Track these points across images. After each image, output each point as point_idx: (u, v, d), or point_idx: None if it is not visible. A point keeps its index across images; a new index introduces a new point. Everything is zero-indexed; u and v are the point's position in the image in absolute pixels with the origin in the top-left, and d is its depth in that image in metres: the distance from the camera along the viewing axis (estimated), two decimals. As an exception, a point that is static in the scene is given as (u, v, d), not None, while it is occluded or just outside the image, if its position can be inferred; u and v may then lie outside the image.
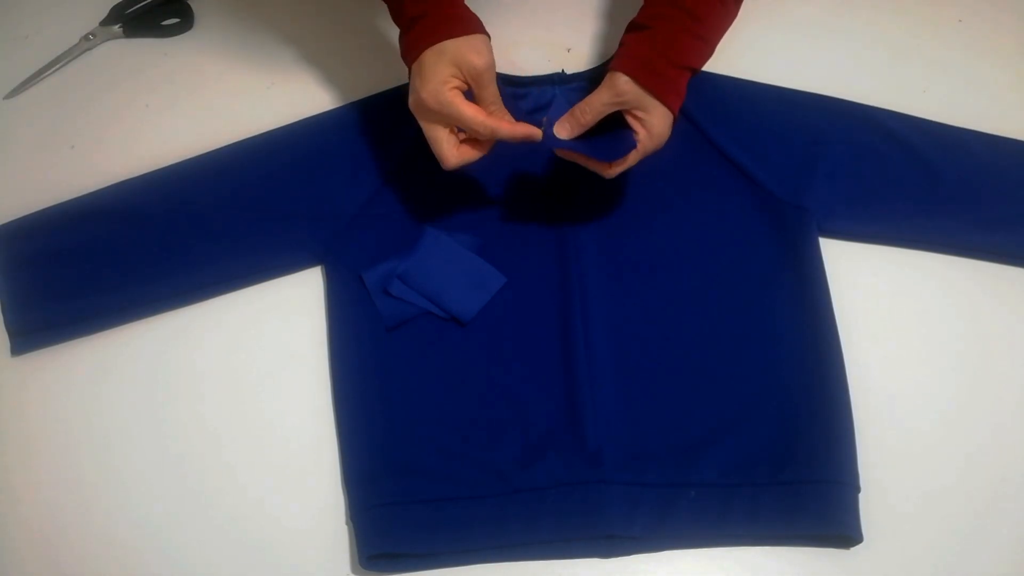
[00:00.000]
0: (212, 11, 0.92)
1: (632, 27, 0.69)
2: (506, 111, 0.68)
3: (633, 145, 0.68)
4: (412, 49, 0.67)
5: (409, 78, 0.68)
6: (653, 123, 0.67)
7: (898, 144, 0.78)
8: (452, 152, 0.69)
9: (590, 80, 0.80)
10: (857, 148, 0.78)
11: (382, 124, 0.80)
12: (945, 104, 0.82)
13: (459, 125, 0.67)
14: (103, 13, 0.91)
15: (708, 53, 0.70)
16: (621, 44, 0.69)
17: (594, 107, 0.67)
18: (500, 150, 0.71)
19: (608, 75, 0.67)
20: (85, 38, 0.90)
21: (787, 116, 0.79)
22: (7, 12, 0.93)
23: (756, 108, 0.80)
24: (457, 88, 0.66)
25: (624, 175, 0.73)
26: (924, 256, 0.77)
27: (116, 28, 0.91)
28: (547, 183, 0.77)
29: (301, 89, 0.86)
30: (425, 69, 0.65)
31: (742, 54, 0.84)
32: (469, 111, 0.66)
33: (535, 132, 0.67)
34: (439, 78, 0.65)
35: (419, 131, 0.70)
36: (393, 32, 0.69)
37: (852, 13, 0.89)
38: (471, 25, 0.66)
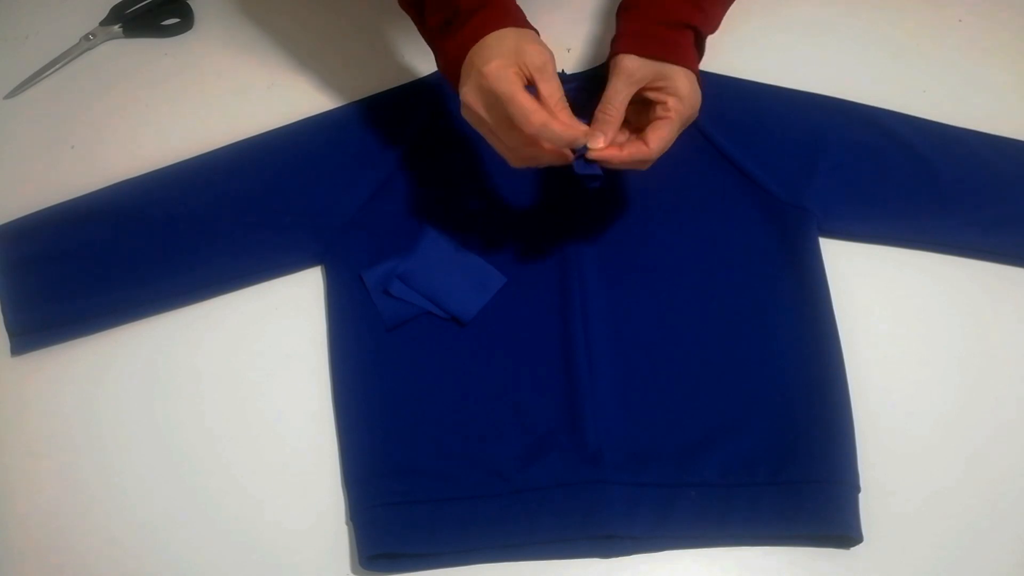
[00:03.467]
0: (212, 11, 0.92)
1: (621, 9, 0.68)
2: (567, 108, 0.62)
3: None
4: (472, 38, 0.62)
5: (457, 74, 0.64)
6: (678, 87, 0.64)
7: (898, 144, 0.78)
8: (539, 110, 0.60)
9: (590, 80, 0.80)
10: (857, 148, 0.78)
11: (382, 124, 0.80)
12: (945, 104, 0.82)
13: (512, 110, 0.60)
14: (103, 13, 0.91)
15: (707, 17, 0.67)
16: (615, 29, 0.67)
17: (614, 99, 0.64)
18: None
19: (612, 62, 0.65)
20: (85, 38, 0.90)
21: (787, 116, 0.79)
22: (7, 12, 0.93)
23: (756, 108, 0.80)
24: (519, 74, 0.61)
25: (624, 175, 0.73)
26: (924, 256, 0.77)
27: (116, 28, 0.91)
28: (547, 182, 0.77)
29: (301, 89, 0.86)
30: (487, 51, 0.61)
31: (742, 54, 0.84)
32: (528, 100, 0.60)
33: (580, 135, 0.62)
34: (505, 58, 0.60)
35: (420, 131, 0.70)
36: (393, 33, 0.69)
37: (852, 13, 0.89)
38: (525, 21, 0.65)
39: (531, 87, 0.62)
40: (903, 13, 0.89)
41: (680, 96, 0.64)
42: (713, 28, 0.68)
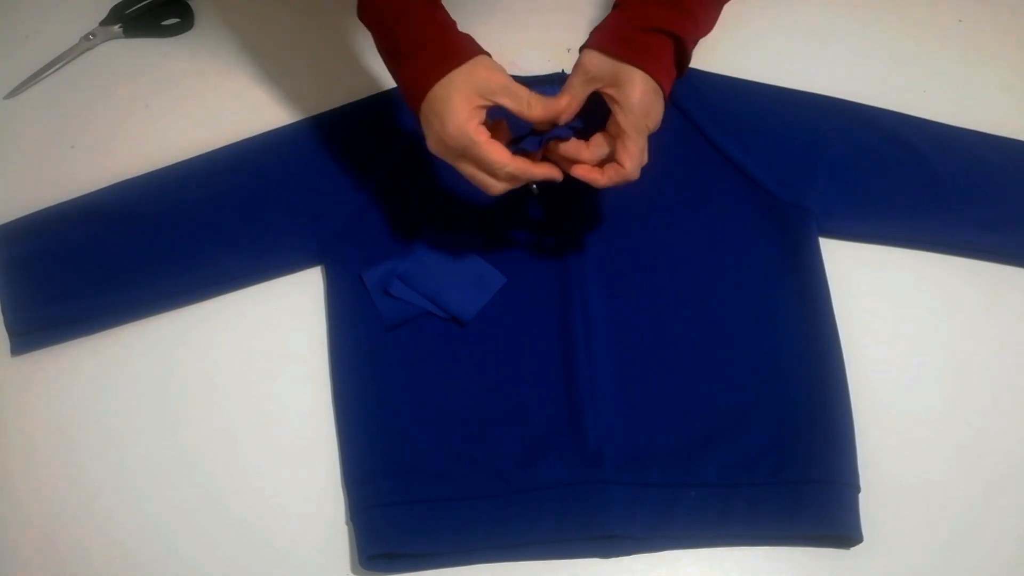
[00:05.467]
0: (212, 11, 0.92)
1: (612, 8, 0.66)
2: (541, 97, 0.63)
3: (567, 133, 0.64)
4: (417, 88, 0.62)
5: (419, 118, 0.64)
6: (629, 93, 0.60)
7: (898, 144, 0.78)
8: (494, 182, 0.63)
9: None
10: (857, 148, 0.78)
11: (382, 124, 0.80)
12: (945, 104, 0.82)
13: (480, 165, 0.62)
14: (103, 13, 0.91)
15: (693, 23, 0.63)
16: None
17: (568, 91, 0.63)
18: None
19: (578, 57, 0.64)
20: (85, 38, 0.90)
21: (787, 116, 0.79)
22: (7, 12, 0.93)
23: (756, 108, 0.80)
24: (481, 123, 0.62)
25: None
26: (924, 256, 0.77)
27: (116, 28, 0.91)
28: (548, 183, 0.77)
29: (301, 89, 0.86)
30: (439, 106, 0.61)
31: (742, 54, 0.84)
32: (494, 151, 0.61)
33: (556, 175, 0.65)
34: (461, 114, 0.61)
35: (419, 131, 0.69)
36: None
37: (852, 13, 0.89)
38: (471, 49, 0.63)
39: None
40: (903, 13, 0.89)
41: (625, 106, 0.61)
42: (706, 29, 0.65)
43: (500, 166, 0.62)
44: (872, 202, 0.77)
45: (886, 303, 0.75)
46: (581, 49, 0.64)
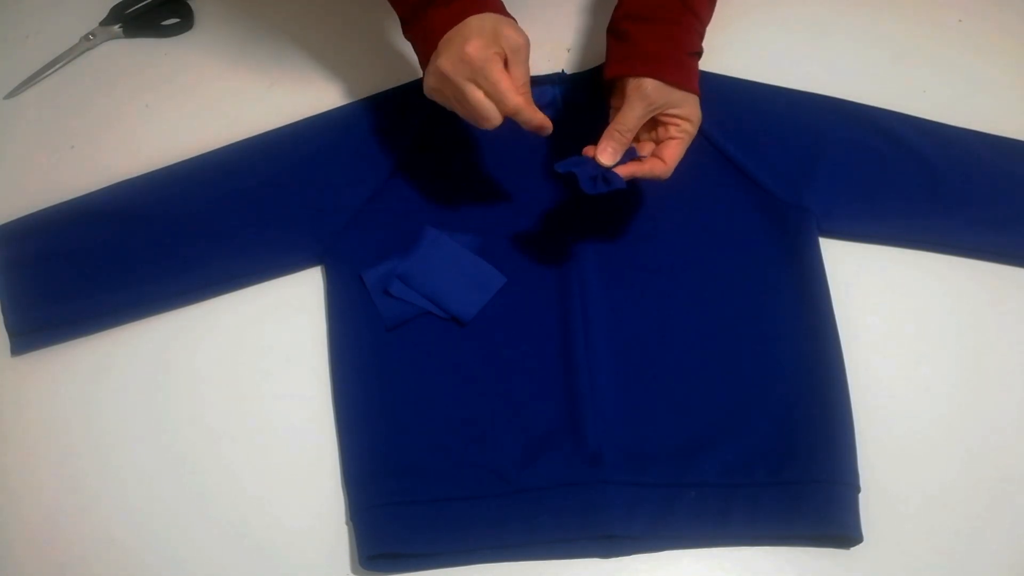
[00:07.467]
0: (212, 11, 0.92)
1: (630, 18, 0.68)
2: (530, 95, 0.66)
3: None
4: (452, 17, 0.64)
5: (429, 48, 0.66)
6: (691, 113, 0.68)
7: (898, 144, 0.78)
8: (494, 114, 0.65)
9: (590, 80, 0.80)
10: (857, 148, 0.78)
11: (383, 124, 0.80)
12: (945, 104, 0.82)
13: (488, 87, 0.64)
14: (103, 13, 0.91)
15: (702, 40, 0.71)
16: (623, 36, 0.67)
17: (630, 122, 0.66)
18: (502, 149, 0.71)
19: (633, 83, 0.65)
20: (85, 38, 0.90)
21: (787, 116, 0.79)
22: (7, 12, 0.93)
23: (756, 108, 0.80)
24: (499, 54, 0.64)
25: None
26: (924, 256, 0.77)
27: (116, 28, 0.91)
28: (548, 183, 0.77)
29: (301, 89, 0.86)
30: (470, 30, 0.64)
31: (743, 54, 0.84)
32: (506, 79, 0.64)
33: (548, 126, 0.66)
34: (486, 38, 0.63)
35: (420, 131, 0.69)
36: (393, 33, 0.69)
37: (852, 13, 0.89)
38: (505, 10, 0.67)
39: None
40: (903, 13, 0.89)
41: (692, 121, 0.68)
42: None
43: (507, 94, 0.64)
44: (872, 202, 0.77)
45: (886, 303, 0.75)
46: (623, 73, 0.66)
